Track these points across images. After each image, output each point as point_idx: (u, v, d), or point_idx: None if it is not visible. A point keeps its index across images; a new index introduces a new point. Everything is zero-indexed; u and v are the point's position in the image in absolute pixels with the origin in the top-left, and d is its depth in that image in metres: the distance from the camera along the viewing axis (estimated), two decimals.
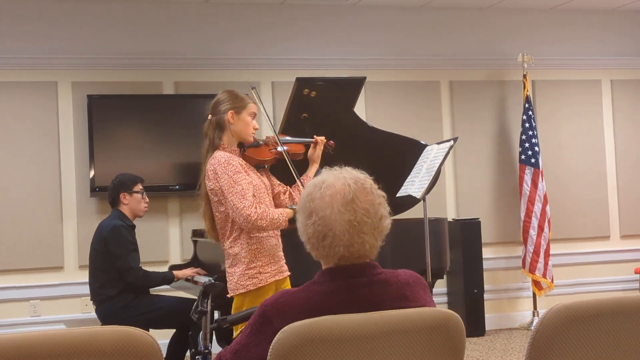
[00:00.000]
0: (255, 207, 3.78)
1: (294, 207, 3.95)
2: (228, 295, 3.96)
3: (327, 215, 2.07)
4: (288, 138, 4.27)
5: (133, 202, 5.38)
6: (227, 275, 3.98)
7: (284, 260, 4.02)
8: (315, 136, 4.24)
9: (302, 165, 4.24)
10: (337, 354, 1.91)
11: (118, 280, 5.22)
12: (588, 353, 2.04)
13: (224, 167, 3.84)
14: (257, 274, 3.86)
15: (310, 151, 4.22)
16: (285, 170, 4.11)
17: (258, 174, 4.03)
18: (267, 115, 4.16)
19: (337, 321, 1.93)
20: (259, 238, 3.90)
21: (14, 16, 6.59)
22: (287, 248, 4.06)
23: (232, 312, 3.91)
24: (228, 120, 3.96)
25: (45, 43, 6.63)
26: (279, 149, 4.09)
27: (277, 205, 4.07)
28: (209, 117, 4.03)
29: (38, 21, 6.63)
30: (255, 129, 4.04)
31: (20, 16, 6.60)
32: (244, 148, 4.03)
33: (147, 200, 5.48)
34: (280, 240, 4.03)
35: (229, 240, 3.94)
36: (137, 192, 5.39)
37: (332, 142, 4.36)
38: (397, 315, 2.00)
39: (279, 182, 4.19)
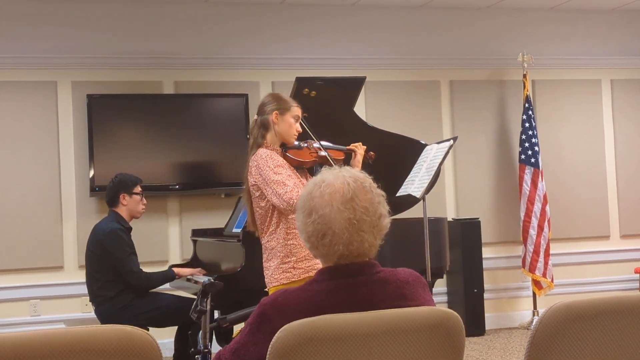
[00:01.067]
0: (297, 191, 3.85)
1: None
2: (265, 289, 4.02)
3: (326, 214, 2.07)
4: (329, 144, 4.35)
5: (132, 204, 5.37)
6: (263, 269, 4.05)
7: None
8: (353, 145, 4.31)
9: None
10: (336, 353, 1.91)
11: (117, 281, 5.22)
12: (587, 352, 2.04)
13: (266, 161, 3.93)
14: (290, 268, 3.93)
15: (352, 158, 4.29)
16: None
17: (297, 174, 4.08)
18: (306, 124, 4.23)
19: (336, 320, 1.93)
20: (295, 235, 3.95)
21: (13, 16, 6.58)
22: None
23: None
24: (272, 121, 4.05)
25: (44, 43, 6.63)
26: (321, 153, 4.19)
27: None
28: (255, 117, 4.13)
29: (37, 21, 6.63)
30: (298, 132, 4.13)
31: (20, 16, 6.59)
32: (286, 149, 4.12)
33: (145, 202, 5.47)
34: None
35: (267, 234, 4.01)
36: (137, 193, 5.38)
37: (372, 152, 4.41)
38: (396, 314, 2.00)
39: None
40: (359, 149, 4.28)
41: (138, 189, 5.40)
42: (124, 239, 5.25)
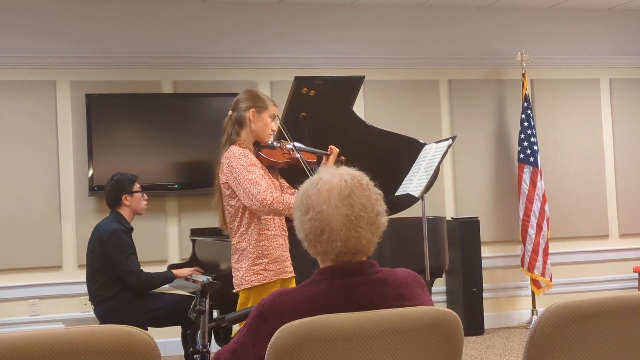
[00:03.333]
0: (271, 192, 3.81)
1: None
2: (234, 291, 3.98)
3: (324, 210, 2.07)
4: (302, 146, 4.31)
5: (134, 202, 5.37)
6: (232, 270, 4.02)
7: (290, 262, 4.04)
8: (330, 147, 4.28)
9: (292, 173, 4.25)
10: (335, 353, 1.91)
11: (116, 281, 5.21)
12: (586, 351, 2.04)
13: (239, 159, 3.89)
14: (262, 270, 3.90)
15: (322, 162, 4.26)
16: (292, 176, 4.12)
17: (269, 174, 4.05)
18: (283, 126, 4.23)
19: (334, 320, 1.93)
20: (267, 236, 3.93)
21: (12, 14, 6.58)
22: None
23: (238, 307, 3.93)
24: (249, 118, 4.02)
25: (43, 42, 6.62)
26: (294, 155, 4.16)
27: None
28: (230, 113, 4.08)
29: (36, 20, 6.62)
30: (273, 131, 4.10)
31: (19, 14, 6.59)
32: (259, 147, 4.08)
33: (146, 197, 5.48)
34: (287, 241, 4.05)
35: (237, 235, 3.98)
36: (137, 191, 5.39)
37: (343, 157, 4.39)
38: (395, 314, 2.00)
39: (287, 185, 4.21)
40: (333, 152, 4.25)
41: (137, 186, 5.40)
42: (125, 240, 5.25)
